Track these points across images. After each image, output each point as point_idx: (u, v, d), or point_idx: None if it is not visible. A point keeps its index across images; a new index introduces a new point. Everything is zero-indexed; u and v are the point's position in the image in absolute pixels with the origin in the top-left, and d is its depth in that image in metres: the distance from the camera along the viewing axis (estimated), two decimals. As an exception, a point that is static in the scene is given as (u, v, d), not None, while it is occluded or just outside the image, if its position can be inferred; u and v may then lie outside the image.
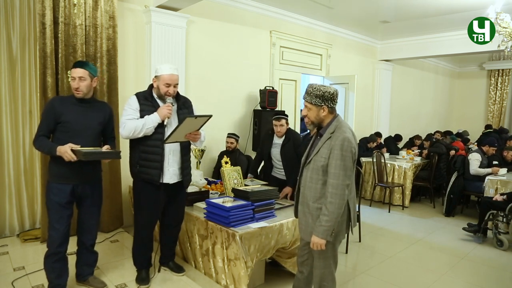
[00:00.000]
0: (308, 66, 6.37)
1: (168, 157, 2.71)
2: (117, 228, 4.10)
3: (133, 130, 2.56)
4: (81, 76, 2.46)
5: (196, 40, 4.75)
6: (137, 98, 2.69)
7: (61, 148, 2.32)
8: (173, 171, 2.75)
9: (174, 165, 2.75)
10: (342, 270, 3.38)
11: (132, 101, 2.68)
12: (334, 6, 5.52)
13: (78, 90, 2.47)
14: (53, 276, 2.50)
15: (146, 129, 2.58)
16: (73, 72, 2.47)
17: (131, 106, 2.66)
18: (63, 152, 2.32)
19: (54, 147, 2.35)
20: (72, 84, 2.47)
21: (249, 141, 5.35)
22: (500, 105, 10.25)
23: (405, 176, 5.96)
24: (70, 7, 3.60)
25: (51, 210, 2.45)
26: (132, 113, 2.63)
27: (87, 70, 2.49)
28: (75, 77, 2.46)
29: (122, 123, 2.61)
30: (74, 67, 2.49)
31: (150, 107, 2.67)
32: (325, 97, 2.05)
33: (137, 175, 2.72)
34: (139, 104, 2.66)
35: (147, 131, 2.59)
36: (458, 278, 3.35)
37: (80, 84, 2.46)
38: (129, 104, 2.68)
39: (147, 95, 2.72)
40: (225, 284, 2.81)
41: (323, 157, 2.04)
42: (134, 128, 2.56)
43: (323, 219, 2.02)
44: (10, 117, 3.70)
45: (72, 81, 2.47)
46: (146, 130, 2.58)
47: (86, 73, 2.48)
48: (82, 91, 2.48)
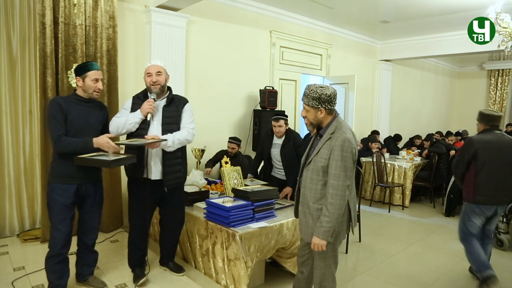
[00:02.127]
0: (308, 66, 6.37)
1: (151, 152, 2.69)
2: (117, 228, 4.11)
3: (116, 126, 2.63)
4: (102, 78, 2.58)
5: (196, 40, 4.75)
6: (132, 99, 2.81)
7: (99, 140, 2.39)
8: (156, 168, 2.72)
9: (157, 161, 2.71)
10: (342, 270, 3.38)
11: (127, 102, 2.81)
12: (334, 6, 5.52)
13: (100, 92, 2.57)
14: (54, 277, 2.50)
15: (128, 125, 2.63)
16: (94, 74, 2.50)
17: (124, 106, 2.79)
18: (103, 143, 2.38)
19: (89, 140, 2.39)
20: (94, 86, 2.50)
21: (249, 141, 5.35)
22: (500, 105, 10.25)
23: (405, 176, 5.96)
24: (70, 7, 3.60)
25: (54, 211, 2.44)
26: (123, 112, 2.74)
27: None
28: (99, 79, 2.52)
29: (110, 121, 2.69)
30: (95, 68, 2.52)
31: (140, 105, 2.69)
32: (321, 99, 2.04)
33: (126, 172, 2.81)
34: (131, 104, 2.75)
35: (129, 126, 2.64)
36: (458, 278, 3.35)
37: (101, 85, 2.57)
38: (123, 105, 2.82)
39: (140, 95, 2.81)
40: (225, 284, 2.81)
41: (323, 158, 2.04)
42: (117, 125, 2.63)
43: (323, 220, 2.02)
44: (10, 117, 3.70)
45: (94, 83, 2.50)
46: (128, 126, 2.63)
47: (102, 74, 2.59)
48: (100, 93, 2.59)
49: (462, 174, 3.17)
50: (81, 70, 2.50)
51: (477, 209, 3.09)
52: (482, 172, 3.03)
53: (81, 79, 2.48)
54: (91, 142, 2.38)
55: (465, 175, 3.15)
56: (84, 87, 2.50)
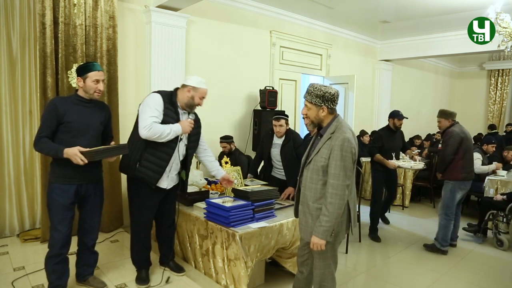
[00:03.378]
0: (308, 66, 6.37)
1: (172, 165, 2.73)
2: (117, 228, 4.11)
3: (158, 134, 2.52)
4: (103, 78, 2.53)
5: (196, 40, 4.75)
6: (162, 99, 2.62)
7: (69, 151, 2.27)
8: (172, 177, 2.78)
9: (174, 172, 2.78)
10: (342, 270, 3.38)
11: (159, 101, 2.60)
12: (334, 6, 5.52)
13: (101, 93, 2.52)
14: (54, 277, 2.49)
15: (168, 138, 2.57)
16: (95, 75, 2.45)
17: (157, 107, 2.58)
18: (72, 155, 2.27)
19: (61, 149, 2.30)
20: (95, 87, 2.45)
21: (249, 141, 5.35)
22: (500, 105, 10.24)
23: (405, 176, 5.96)
24: (70, 7, 3.60)
25: (53, 211, 2.43)
26: (158, 115, 2.57)
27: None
28: (100, 80, 2.47)
29: (147, 123, 2.50)
30: (96, 69, 2.47)
31: (173, 113, 2.65)
32: (325, 98, 2.05)
33: (133, 172, 2.68)
34: (164, 107, 2.62)
35: (168, 140, 2.59)
36: (458, 278, 3.35)
37: (103, 86, 2.52)
38: (155, 103, 2.59)
39: (173, 100, 2.68)
40: (225, 284, 2.81)
41: (323, 158, 2.04)
42: (160, 133, 2.52)
43: (323, 219, 2.02)
44: (10, 117, 3.70)
45: (95, 84, 2.45)
46: (167, 139, 2.57)
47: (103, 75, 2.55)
48: (101, 94, 2.54)
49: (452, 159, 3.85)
50: (82, 71, 2.46)
51: (462, 185, 3.89)
52: (466, 155, 3.84)
53: (82, 79, 2.45)
54: (61, 151, 2.30)
55: (454, 159, 3.84)
56: (85, 88, 2.46)
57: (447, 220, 3.90)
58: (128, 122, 3.60)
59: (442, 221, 3.92)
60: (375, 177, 4.47)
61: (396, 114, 4.46)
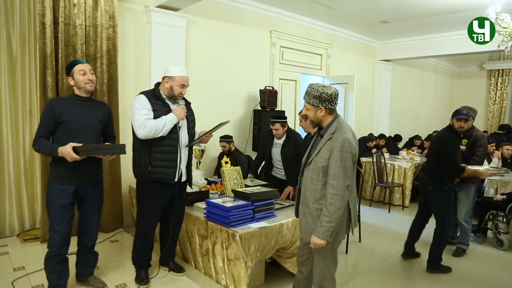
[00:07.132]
0: (308, 66, 6.37)
1: (181, 157, 2.74)
2: (117, 228, 4.11)
3: (154, 129, 2.53)
4: (90, 68, 2.52)
5: (196, 40, 4.75)
6: (147, 97, 2.64)
7: (63, 149, 2.29)
8: (183, 169, 2.79)
9: (183, 163, 2.79)
10: (342, 270, 3.38)
11: (144, 101, 2.62)
12: (334, 6, 5.52)
13: (92, 83, 2.50)
14: (53, 277, 2.49)
15: (165, 130, 2.58)
16: (80, 67, 2.47)
17: (144, 106, 2.61)
18: (65, 153, 2.29)
19: (55, 148, 2.32)
20: (83, 78, 2.46)
21: (249, 141, 5.35)
22: (500, 105, 10.24)
23: (405, 176, 5.96)
24: (70, 7, 3.60)
25: (52, 211, 2.43)
26: (147, 112, 2.59)
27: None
28: (85, 70, 2.47)
29: (140, 122, 2.53)
30: (80, 62, 2.51)
31: (162, 106, 2.66)
32: (322, 98, 2.05)
33: (147, 176, 2.66)
34: (150, 104, 2.63)
35: (166, 131, 2.59)
36: (458, 278, 3.35)
37: (92, 76, 2.51)
38: (141, 103, 2.61)
39: (157, 94, 2.70)
40: (225, 284, 2.81)
41: (324, 158, 2.04)
42: (155, 128, 2.53)
43: (323, 220, 2.02)
44: (10, 117, 3.70)
45: (83, 76, 2.46)
46: (164, 131, 2.58)
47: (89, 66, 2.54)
48: (94, 83, 2.52)
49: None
50: (68, 69, 2.51)
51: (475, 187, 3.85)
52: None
53: (71, 77, 2.49)
54: (56, 150, 2.31)
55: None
56: (76, 84, 2.48)
57: (469, 224, 3.91)
58: (128, 122, 3.56)
59: (468, 225, 3.89)
60: (444, 199, 3.34)
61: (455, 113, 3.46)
